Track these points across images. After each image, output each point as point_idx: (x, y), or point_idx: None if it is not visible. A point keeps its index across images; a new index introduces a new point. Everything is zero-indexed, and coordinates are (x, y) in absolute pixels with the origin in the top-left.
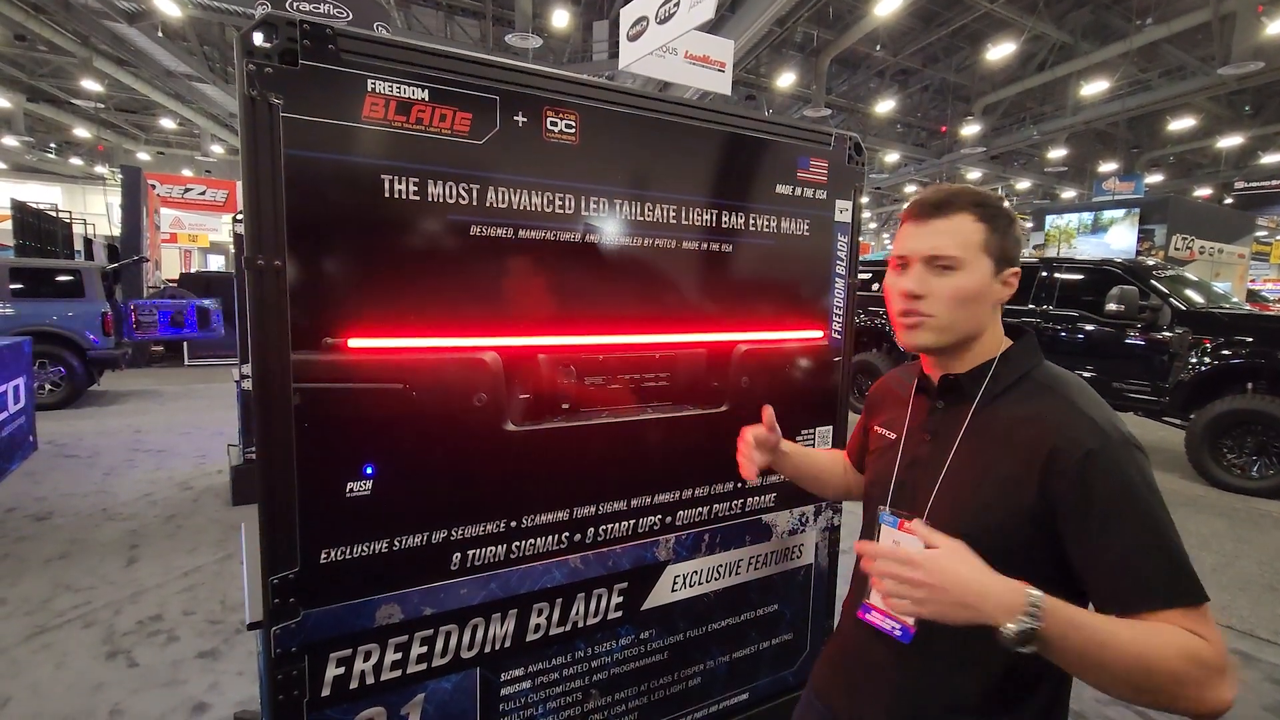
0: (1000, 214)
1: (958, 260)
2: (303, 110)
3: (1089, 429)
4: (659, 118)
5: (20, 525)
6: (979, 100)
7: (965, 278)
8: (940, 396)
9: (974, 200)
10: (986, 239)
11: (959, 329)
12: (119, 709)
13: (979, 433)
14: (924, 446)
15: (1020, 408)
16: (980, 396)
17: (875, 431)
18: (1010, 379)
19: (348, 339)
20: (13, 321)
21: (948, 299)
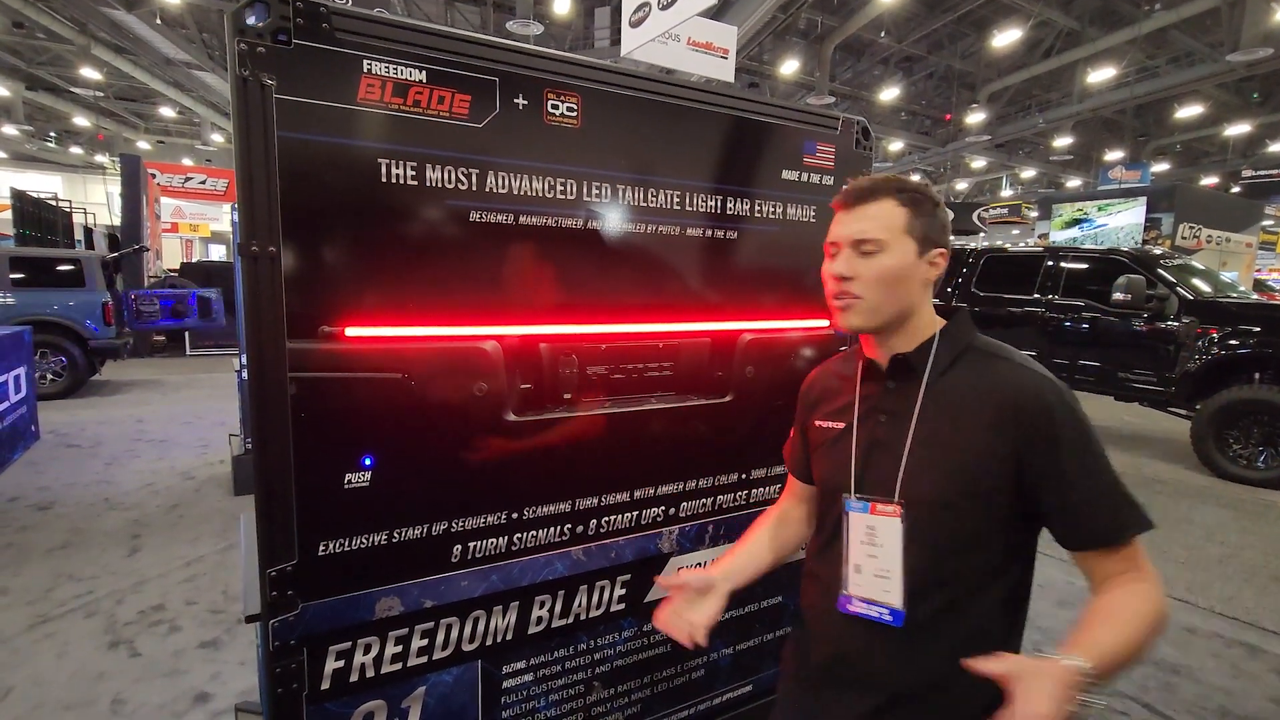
0: (923, 199)
1: (881, 243)
2: (297, 91)
3: (1044, 384)
4: (663, 101)
5: (22, 515)
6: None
7: (889, 258)
8: (891, 376)
9: (897, 187)
10: (909, 222)
11: (888, 309)
12: (121, 699)
13: (936, 405)
14: (881, 428)
15: (974, 376)
16: (930, 371)
17: (817, 427)
18: (955, 351)
19: (345, 328)
20: (13, 311)
21: (874, 280)
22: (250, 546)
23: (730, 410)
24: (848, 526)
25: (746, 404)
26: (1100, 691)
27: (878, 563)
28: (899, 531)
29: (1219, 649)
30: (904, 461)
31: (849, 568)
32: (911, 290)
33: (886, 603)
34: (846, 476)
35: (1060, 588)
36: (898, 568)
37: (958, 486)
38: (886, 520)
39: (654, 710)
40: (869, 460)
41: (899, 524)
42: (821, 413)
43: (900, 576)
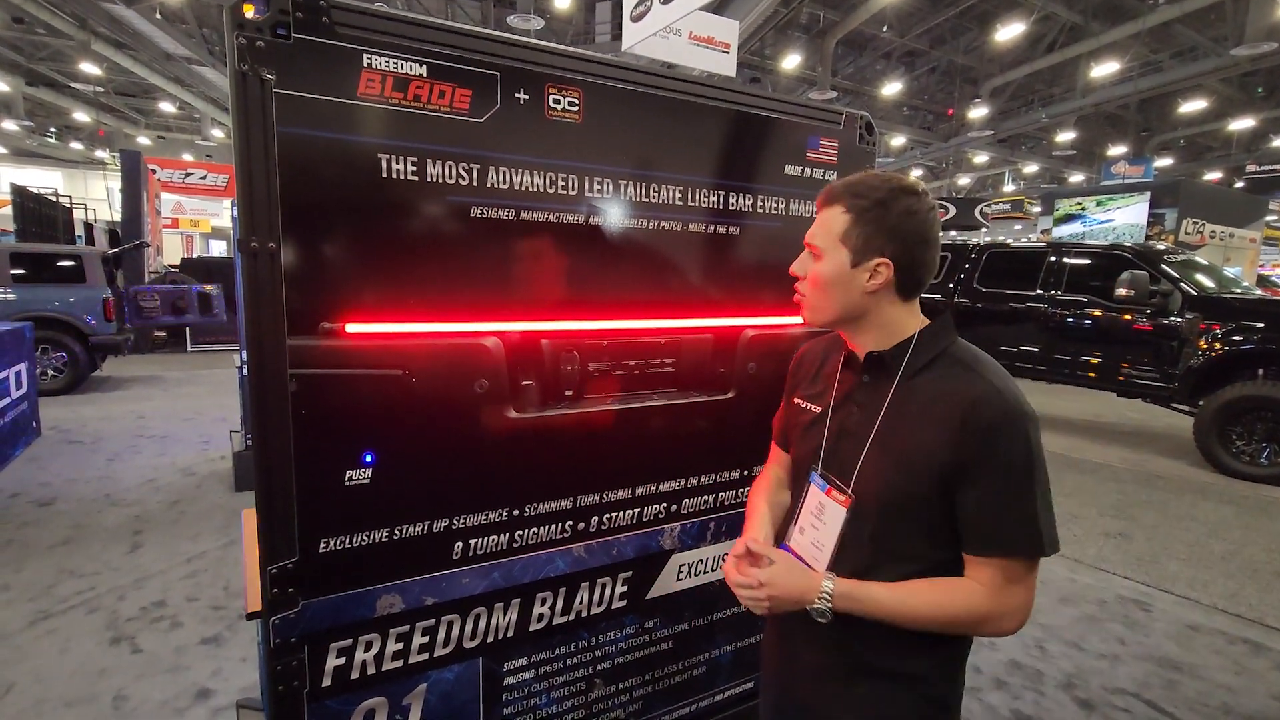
0: (872, 206)
1: (817, 250)
2: (296, 86)
3: (995, 401)
4: (665, 95)
5: (24, 511)
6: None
7: (822, 266)
8: (866, 371)
9: (853, 192)
10: (846, 230)
11: (828, 311)
12: (123, 695)
13: (901, 405)
14: (852, 418)
15: (939, 383)
16: (902, 372)
17: (796, 404)
18: (928, 356)
19: (345, 324)
20: (14, 307)
21: (810, 283)
22: (251, 543)
23: (732, 407)
24: (806, 493)
25: (749, 401)
26: (822, 606)
27: (817, 534)
28: (841, 519)
29: (1222, 646)
30: (862, 457)
31: (795, 525)
32: (849, 297)
33: (812, 567)
34: (817, 454)
35: (1061, 584)
36: (830, 546)
37: (901, 489)
38: (834, 505)
39: (655, 707)
40: (836, 446)
41: (843, 513)
42: (804, 391)
43: (830, 554)
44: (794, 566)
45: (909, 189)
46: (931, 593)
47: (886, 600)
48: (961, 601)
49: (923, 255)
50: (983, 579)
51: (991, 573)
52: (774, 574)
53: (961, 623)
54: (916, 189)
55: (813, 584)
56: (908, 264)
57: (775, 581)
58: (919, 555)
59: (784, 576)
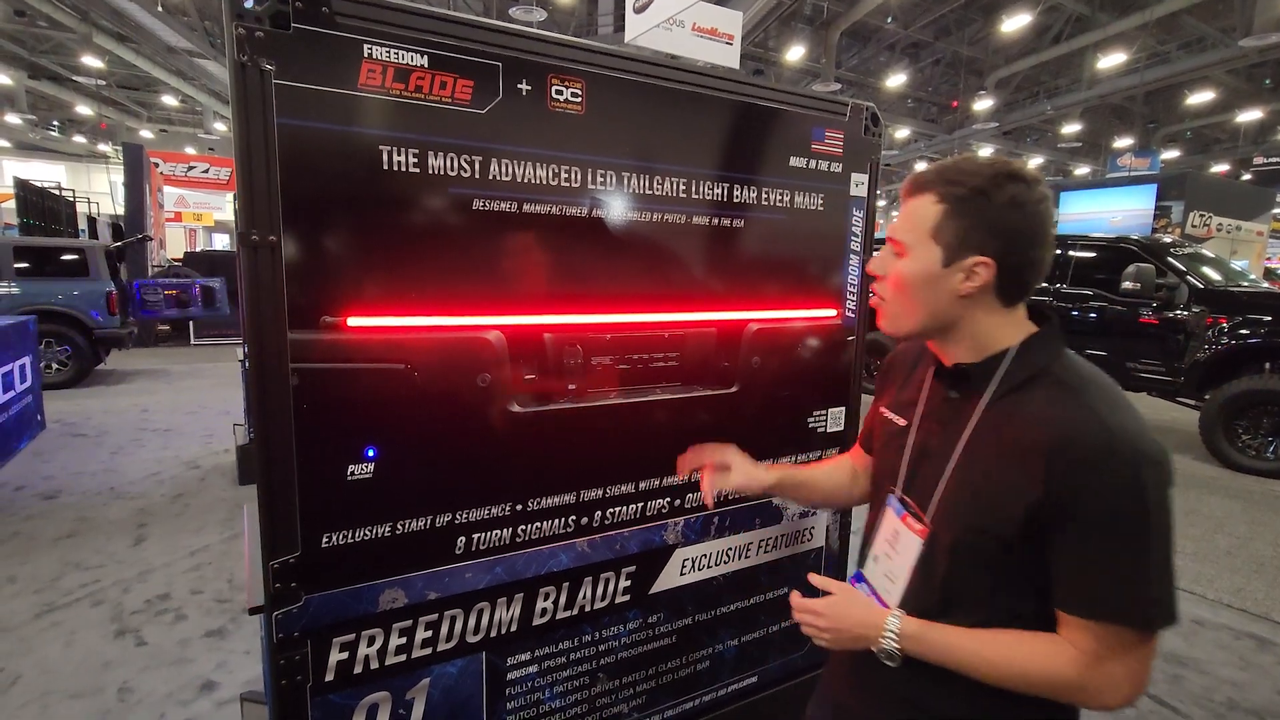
0: (970, 195)
1: (903, 245)
2: (296, 77)
3: (1095, 434)
4: (669, 86)
5: (29, 504)
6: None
7: (907, 264)
8: (953, 386)
9: (948, 178)
10: (939, 224)
11: (910, 318)
12: (128, 687)
13: (987, 430)
14: (934, 437)
15: (1034, 407)
16: (993, 390)
17: (882, 415)
18: (1025, 374)
19: (346, 318)
20: (18, 300)
21: (890, 285)
22: (253, 537)
23: (737, 401)
24: (882, 517)
25: (753, 395)
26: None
27: (890, 565)
28: (916, 551)
29: (1227, 641)
30: (942, 485)
31: (871, 552)
32: (938, 302)
33: (884, 601)
34: (896, 476)
35: None
36: (902, 581)
37: (979, 529)
38: (910, 535)
39: (659, 702)
40: (917, 467)
41: (919, 545)
42: (890, 400)
43: (901, 590)
44: (856, 599)
45: (1016, 174)
46: (1016, 646)
47: (962, 647)
48: (1050, 664)
49: (1030, 254)
50: (1078, 642)
51: (1088, 638)
52: (833, 605)
53: (1047, 688)
54: (1025, 175)
55: (877, 620)
56: (1012, 264)
57: (834, 613)
58: (996, 605)
59: (844, 609)
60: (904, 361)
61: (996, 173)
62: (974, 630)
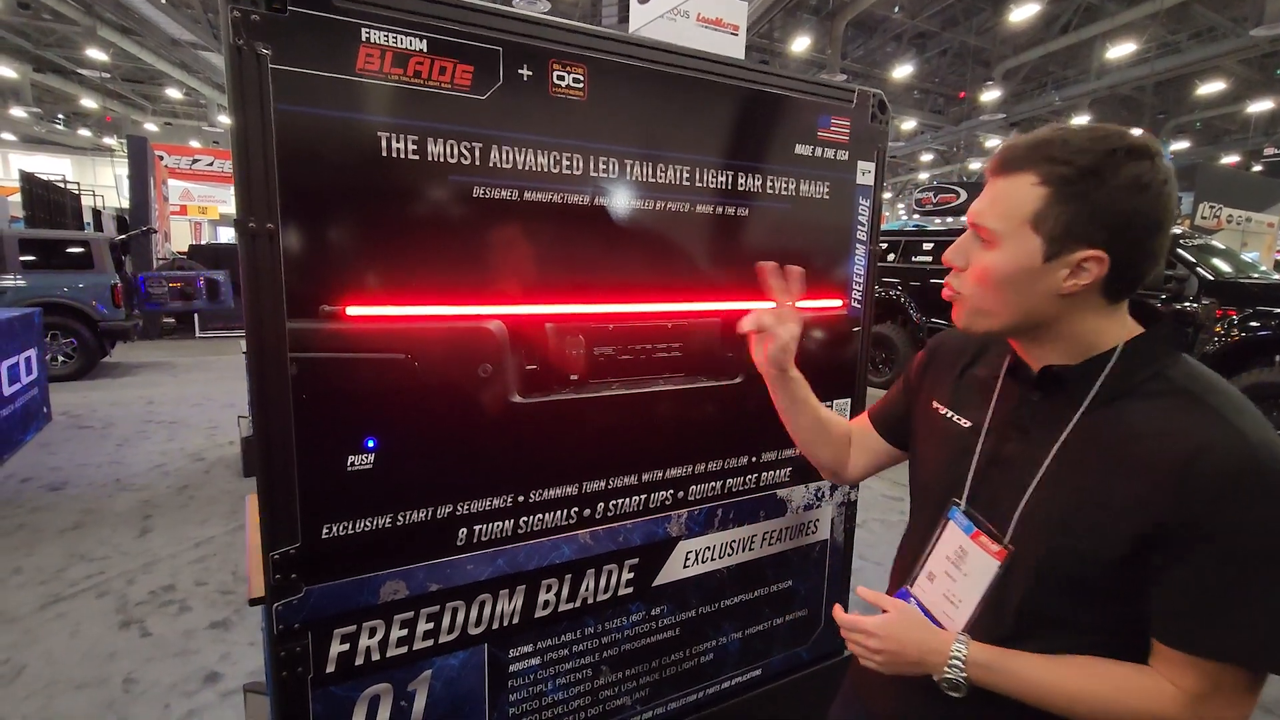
0: (1080, 176)
1: (993, 234)
2: (293, 61)
3: (1238, 450)
4: (673, 72)
5: (35, 495)
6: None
7: (998, 257)
8: (1039, 388)
9: (1049, 155)
10: (1041, 210)
11: (996, 315)
12: (132, 678)
13: (1087, 440)
14: (1011, 444)
15: (1147, 416)
16: (1093, 396)
17: (935, 409)
18: (1134, 379)
19: (346, 307)
20: (24, 293)
21: (973, 279)
22: (254, 528)
23: (741, 392)
24: (942, 531)
25: (757, 386)
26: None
27: (953, 585)
28: (991, 574)
29: None
30: (1026, 499)
31: (923, 570)
32: (1033, 300)
33: (942, 625)
34: (958, 482)
35: None
36: (972, 604)
37: (1075, 552)
38: (983, 555)
39: (662, 694)
40: (987, 476)
41: (995, 567)
42: (944, 394)
43: (969, 613)
44: (914, 620)
45: (1136, 149)
46: (1105, 680)
47: (1040, 679)
48: (1146, 702)
49: (1149, 244)
50: (1179, 680)
51: (1194, 677)
52: (890, 625)
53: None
54: (1147, 148)
55: (940, 645)
56: (1127, 258)
57: (890, 634)
58: (1076, 635)
59: (903, 630)
60: (954, 351)
61: (1112, 149)
62: (1054, 658)
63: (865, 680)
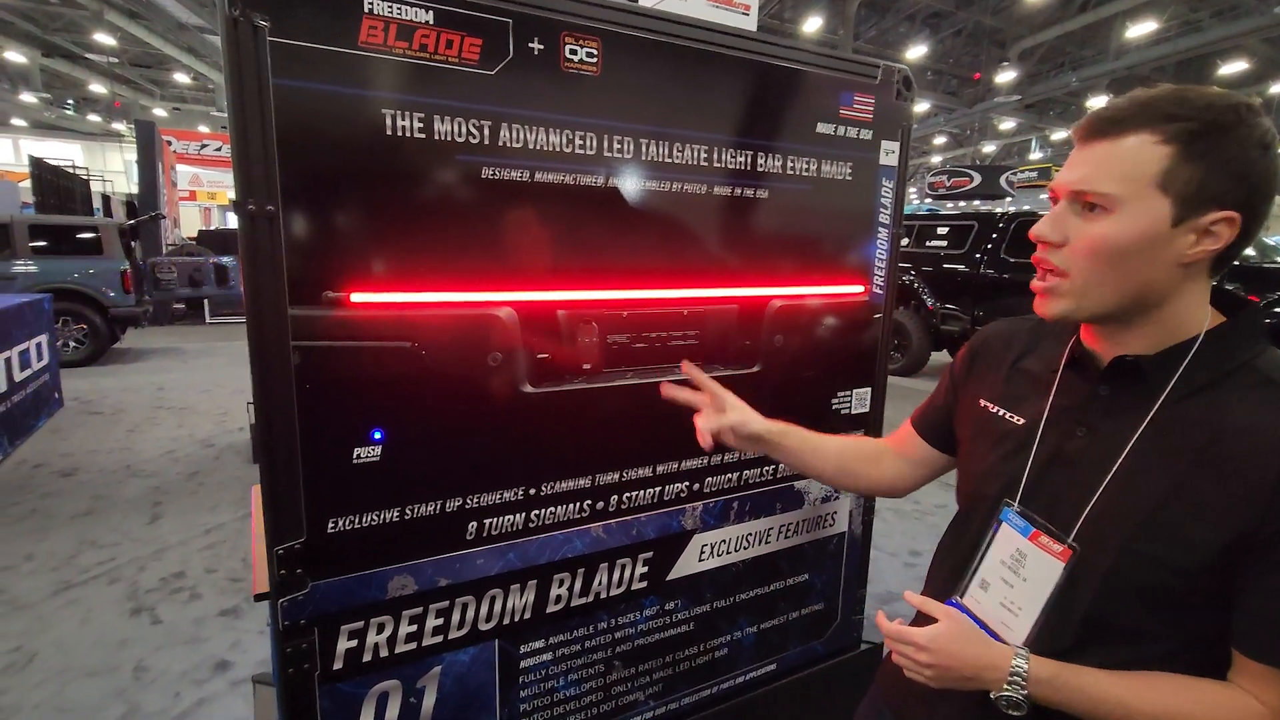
0: (1209, 130)
1: (1110, 199)
2: (292, 34)
3: None
4: (691, 46)
5: (47, 481)
6: (1015, 45)
7: (1117, 224)
8: (1107, 380)
9: (1166, 113)
10: (1170, 169)
11: (1107, 296)
12: (143, 666)
13: (1166, 436)
14: (1075, 441)
15: (1238, 412)
16: (1173, 388)
17: (982, 408)
18: (1220, 369)
19: (350, 293)
20: (35, 278)
21: (1085, 251)
22: (259, 521)
23: (758, 381)
24: (994, 535)
25: (775, 374)
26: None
27: (1011, 593)
28: (1056, 576)
29: None
30: (1096, 499)
31: (975, 579)
32: (1153, 272)
33: (1000, 637)
34: (1013, 486)
35: None
36: (1034, 611)
37: (1152, 558)
38: (1045, 557)
39: (676, 689)
40: (1046, 475)
41: (1060, 568)
42: (993, 391)
43: (1032, 621)
44: (969, 632)
45: (1255, 107)
46: (1182, 697)
47: (1112, 696)
48: (1213, 703)
49: (1267, 208)
50: (1264, 694)
51: None
52: (942, 637)
53: None
54: (1261, 108)
55: (999, 660)
56: (1254, 222)
57: (943, 649)
58: (1146, 647)
59: (957, 644)
60: (1002, 346)
61: (1236, 103)
62: (1125, 674)
63: (897, 688)
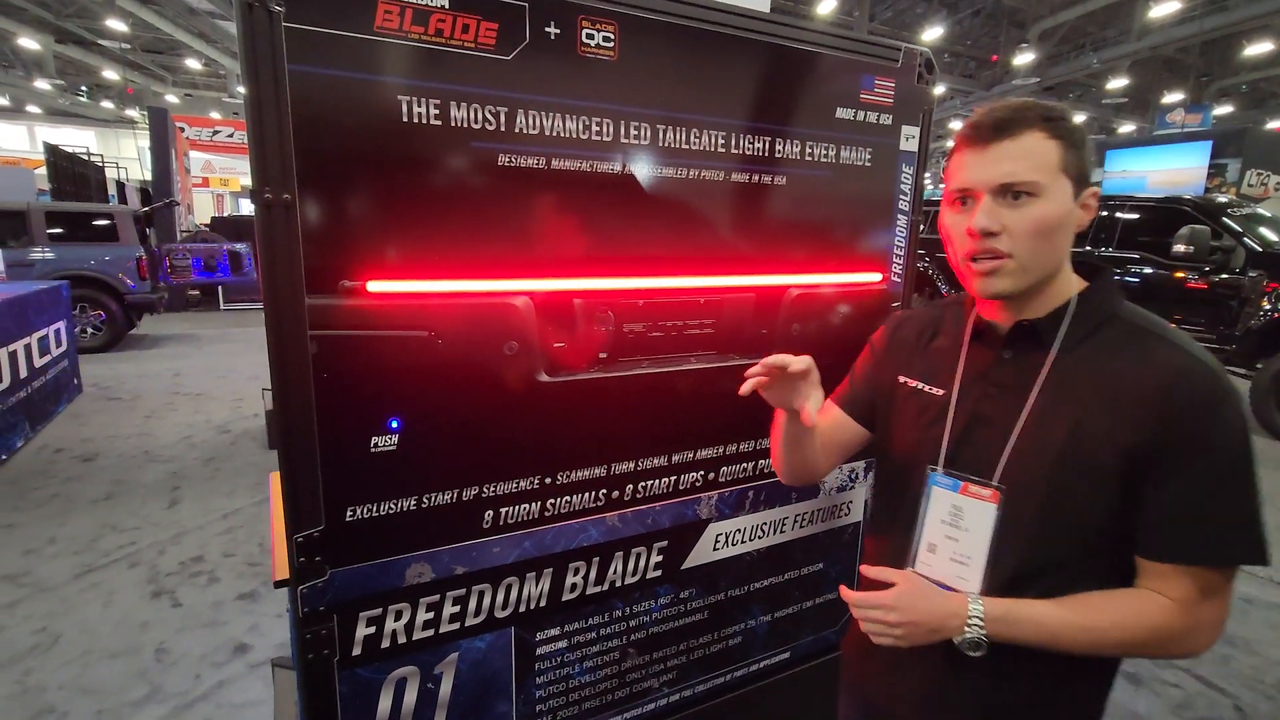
0: (1073, 127)
1: (1036, 185)
2: (307, 19)
3: (1211, 379)
4: (709, 29)
5: (68, 466)
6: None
7: (1047, 205)
8: (1009, 345)
9: (1041, 114)
10: (1064, 157)
11: (1041, 267)
12: (164, 648)
13: (1061, 382)
14: (988, 402)
15: (1114, 353)
16: (1060, 342)
17: (902, 383)
18: (1095, 320)
19: (366, 282)
20: (52, 265)
21: (1029, 232)
22: (278, 508)
23: None
24: (928, 502)
25: None
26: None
27: (957, 546)
28: (992, 518)
29: (1278, 620)
30: (1011, 441)
31: (921, 546)
32: (1066, 242)
33: (960, 590)
34: (936, 451)
35: None
36: (981, 555)
37: (1068, 484)
38: (978, 504)
39: (690, 676)
40: (968, 436)
41: (993, 510)
42: (911, 368)
43: (983, 565)
44: (926, 587)
45: None
46: (1108, 608)
47: (1054, 621)
48: (1148, 618)
49: None
50: (1171, 591)
51: (1185, 585)
52: (904, 596)
53: (1144, 645)
54: None
55: (956, 608)
56: None
57: (907, 605)
58: (1071, 565)
59: (918, 600)
60: (919, 330)
61: (1063, 107)
62: (1060, 600)
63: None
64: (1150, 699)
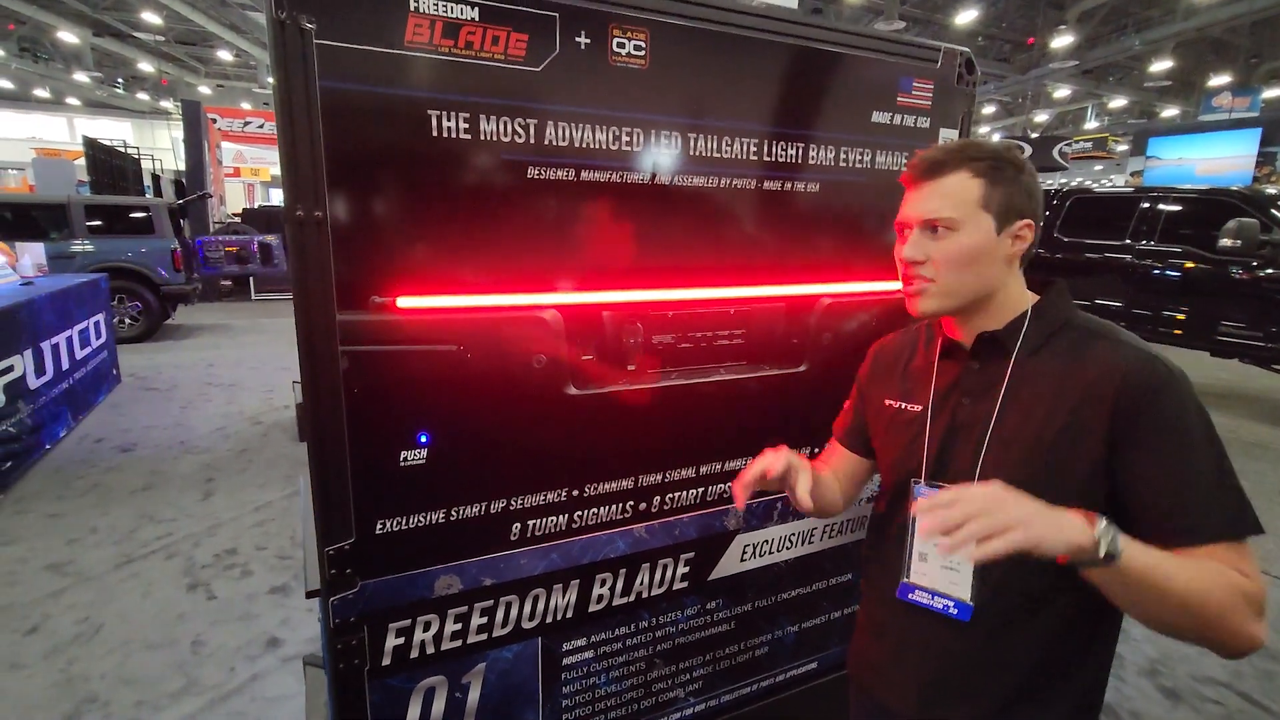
0: (1002, 165)
1: (954, 221)
2: (338, 36)
3: (1152, 366)
4: (740, 34)
5: (108, 456)
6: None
7: (963, 238)
8: (974, 356)
9: (970, 155)
10: (985, 194)
11: (964, 291)
12: (200, 640)
13: (1024, 385)
14: (962, 410)
15: (1068, 355)
16: (1019, 350)
17: (887, 405)
18: (1049, 329)
19: (397, 298)
20: (91, 257)
21: (946, 262)
22: (308, 518)
23: (805, 381)
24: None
25: (823, 374)
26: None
27: None
28: None
29: None
30: (985, 446)
31: (912, 555)
32: (991, 270)
33: (953, 595)
34: (919, 462)
35: None
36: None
37: (1044, 470)
38: None
39: (716, 687)
40: (946, 446)
41: None
42: (893, 390)
43: (971, 569)
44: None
45: (1013, 148)
46: (1206, 567)
47: (1170, 561)
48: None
49: (1043, 216)
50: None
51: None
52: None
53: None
54: None
55: (1072, 516)
56: (1040, 226)
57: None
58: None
59: (1015, 497)
60: (895, 354)
61: (1009, 148)
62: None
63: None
64: (1189, 715)
